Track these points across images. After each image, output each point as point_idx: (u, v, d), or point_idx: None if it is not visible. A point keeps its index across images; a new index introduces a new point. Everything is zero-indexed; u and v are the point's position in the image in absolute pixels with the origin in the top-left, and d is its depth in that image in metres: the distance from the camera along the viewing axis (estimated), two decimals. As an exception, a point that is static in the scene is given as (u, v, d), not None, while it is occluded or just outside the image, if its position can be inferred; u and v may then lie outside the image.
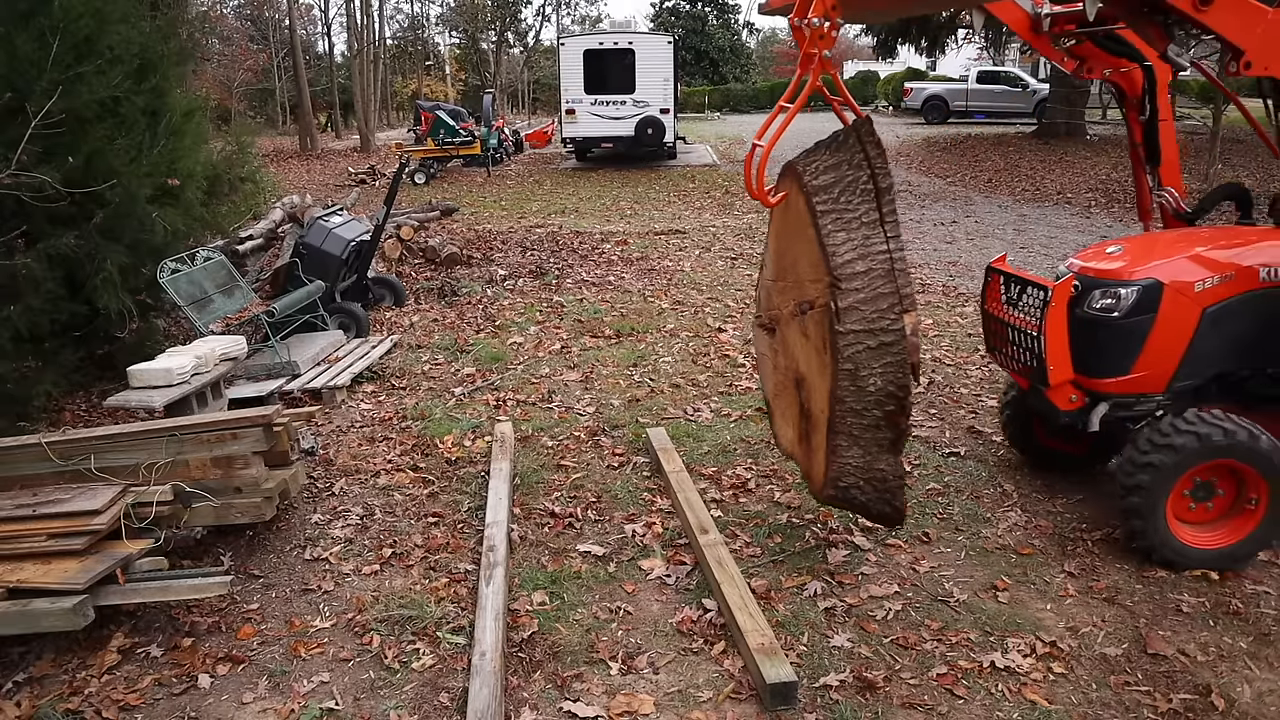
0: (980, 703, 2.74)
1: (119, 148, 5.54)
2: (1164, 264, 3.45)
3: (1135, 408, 3.50)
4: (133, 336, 5.92)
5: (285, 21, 33.68)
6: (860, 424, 2.97)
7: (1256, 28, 2.87)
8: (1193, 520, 3.39)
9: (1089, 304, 3.46)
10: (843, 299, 2.85)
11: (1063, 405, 3.59)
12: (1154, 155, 3.96)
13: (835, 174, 2.96)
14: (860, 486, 3.08)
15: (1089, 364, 3.51)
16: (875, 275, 2.87)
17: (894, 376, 2.88)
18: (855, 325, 2.86)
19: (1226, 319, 3.40)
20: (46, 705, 2.85)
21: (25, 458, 3.61)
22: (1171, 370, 3.43)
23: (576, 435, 4.92)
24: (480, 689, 2.70)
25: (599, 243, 10.64)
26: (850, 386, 2.90)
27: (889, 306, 2.86)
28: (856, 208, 2.92)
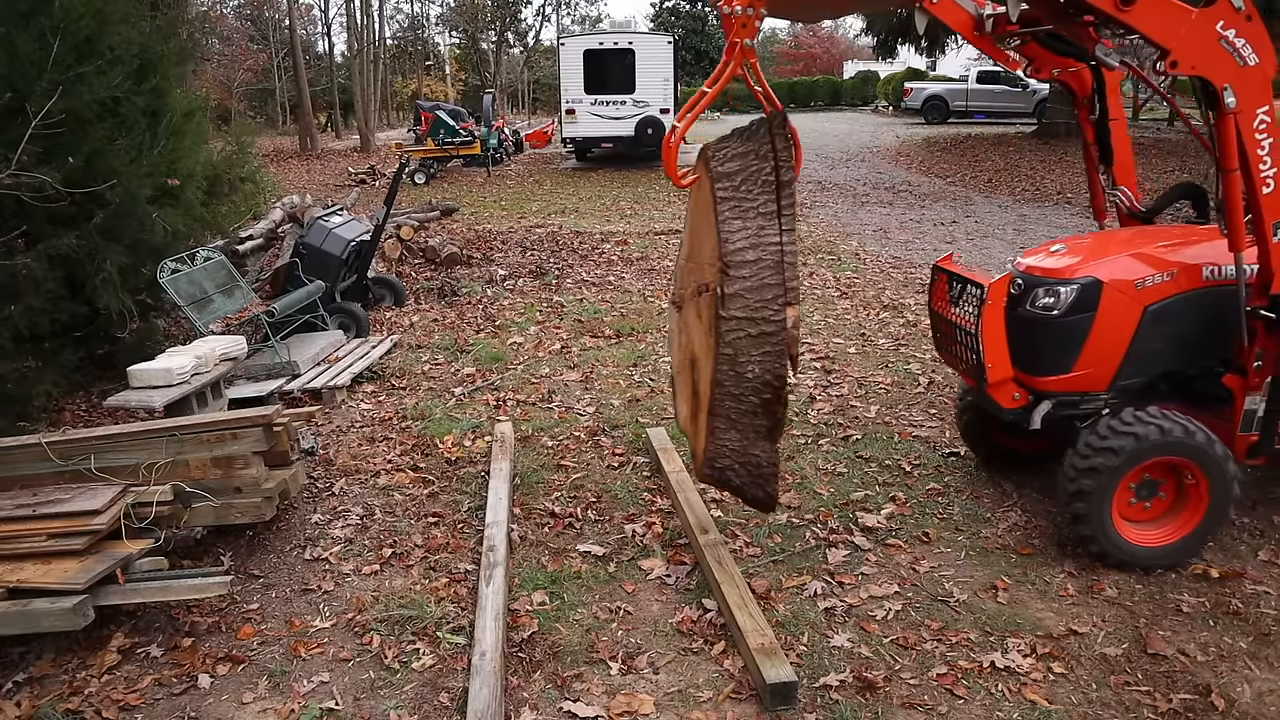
0: (980, 703, 2.74)
1: (119, 148, 5.54)
2: (1104, 262, 3.45)
3: (1082, 406, 3.51)
4: (133, 336, 5.92)
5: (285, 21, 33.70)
6: (738, 409, 3.02)
7: (1181, 28, 2.88)
8: (1138, 518, 3.40)
9: (1031, 302, 3.47)
10: (729, 285, 2.90)
11: (1006, 403, 3.60)
12: (1107, 155, 3.96)
13: (741, 162, 2.99)
14: (735, 469, 3.13)
15: (1031, 362, 3.53)
16: (764, 265, 2.91)
17: (772, 365, 2.92)
18: (738, 312, 2.91)
19: (1169, 317, 3.40)
20: (46, 705, 2.85)
21: (25, 458, 3.61)
22: (1114, 368, 3.44)
23: (576, 435, 4.92)
24: (480, 689, 2.70)
25: (599, 243, 10.64)
26: (730, 371, 2.96)
27: (773, 297, 2.90)
28: (756, 198, 2.95)
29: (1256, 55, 2.95)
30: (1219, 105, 2.98)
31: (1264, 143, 3.04)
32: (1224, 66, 2.94)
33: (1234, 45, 2.93)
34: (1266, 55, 2.96)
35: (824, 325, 6.82)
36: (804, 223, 11.80)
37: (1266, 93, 3.00)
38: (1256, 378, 3.35)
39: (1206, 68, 2.94)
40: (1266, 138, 3.04)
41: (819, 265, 9.05)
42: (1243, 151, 3.04)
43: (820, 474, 4.32)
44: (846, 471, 4.34)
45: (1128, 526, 3.37)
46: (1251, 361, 3.34)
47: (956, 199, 13.62)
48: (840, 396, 5.33)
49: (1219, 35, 2.91)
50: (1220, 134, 3.04)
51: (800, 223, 11.79)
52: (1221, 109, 2.98)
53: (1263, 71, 2.97)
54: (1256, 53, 2.95)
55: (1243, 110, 2.98)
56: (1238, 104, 2.96)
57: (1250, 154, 3.04)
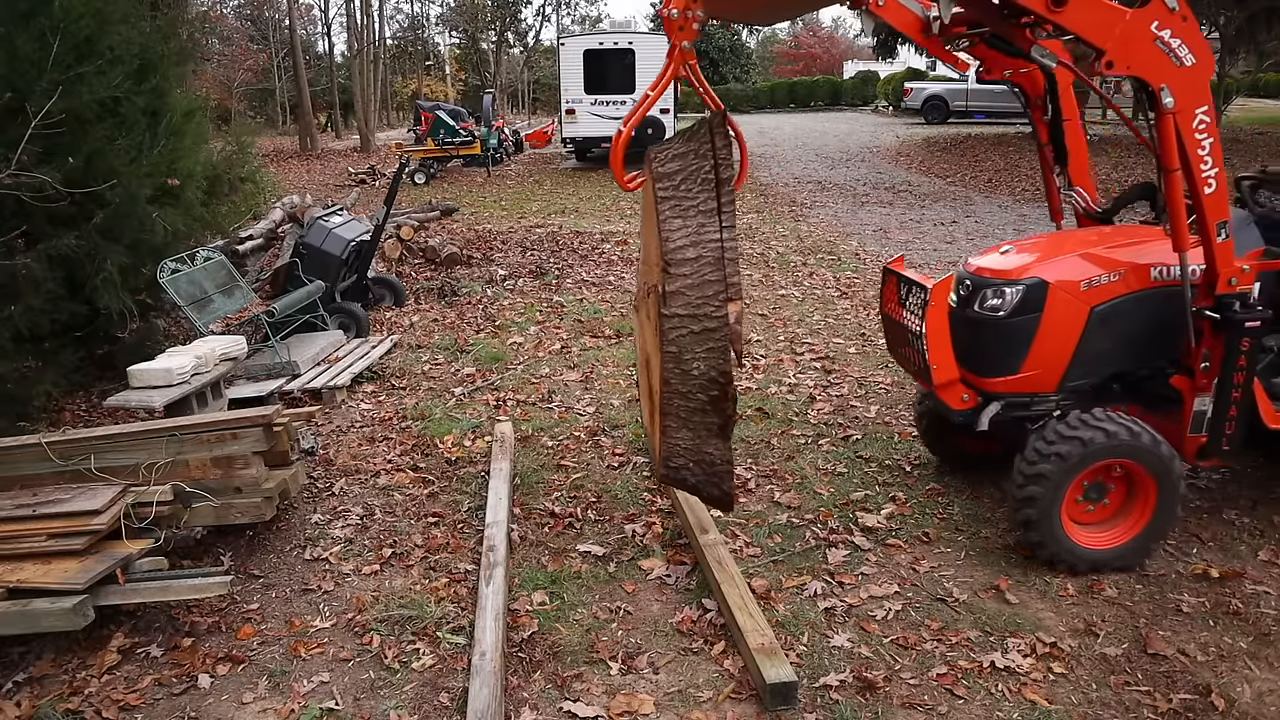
0: (980, 703, 2.74)
1: (119, 148, 5.54)
2: (1051, 263, 3.44)
3: (1033, 407, 3.50)
4: (133, 336, 5.92)
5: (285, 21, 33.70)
6: (687, 407, 3.03)
7: (1115, 28, 2.87)
8: (1088, 521, 3.39)
9: (978, 304, 3.46)
10: (670, 284, 2.91)
11: (955, 405, 3.60)
12: (1061, 155, 3.95)
13: (681, 162, 3.01)
14: (690, 468, 3.14)
15: (979, 363, 3.52)
16: (704, 263, 2.92)
17: (716, 362, 2.93)
18: (680, 310, 2.92)
19: (1117, 318, 3.40)
20: (46, 705, 2.85)
21: (25, 458, 3.61)
22: (1062, 370, 3.43)
23: (576, 435, 4.92)
24: (480, 689, 2.70)
25: (599, 243, 10.64)
26: (675, 369, 2.97)
27: (714, 294, 2.91)
28: (696, 196, 2.97)
29: (1193, 55, 2.94)
30: (1157, 105, 2.97)
31: (1204, 142, 3.03)
32: (1160, 67, 2.93)
33: (1170, 46, 2.92)
34: (1203, 56, 2.95)
35: (824, 325, 6.82)
36: (804, 223, 11.81)
37: (1205, 93, 3.00)
38: (1204, 378, 3.33)
39: (1142, 68, 2.93)
40: (1207, 137, 3.03)
41: (819, 265, 9.05)
42: (1184, 152, 3.03)
43: (820, 474, 4.32)
44: (846, 471, 4.34)
45: (1077, 529, 3.36)
46: (1198, 362, 3.32)
47: (956, 199, 13.62)
48: (840, 396, 5.33)
49: (1154, 36, 2.90)
50: (1160, 134, 3.02)
51: (800, 223, 11.80)
52: (1160, 109, 2.97)
53: (1200, 72, 2.96)
54: (1193, 53, 2.94)
55: (1181, 110, 2.97)
56: (1176, 104, 2.95)
57: (1191, 154, 3.03)
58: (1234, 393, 3.30)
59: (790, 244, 10.33)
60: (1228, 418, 3.34)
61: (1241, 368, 3.26)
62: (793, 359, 6.04)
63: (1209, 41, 3.20)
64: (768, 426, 4.92)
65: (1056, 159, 3.98)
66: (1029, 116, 4.00)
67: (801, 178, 16.79)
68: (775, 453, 4.59)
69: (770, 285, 8.27)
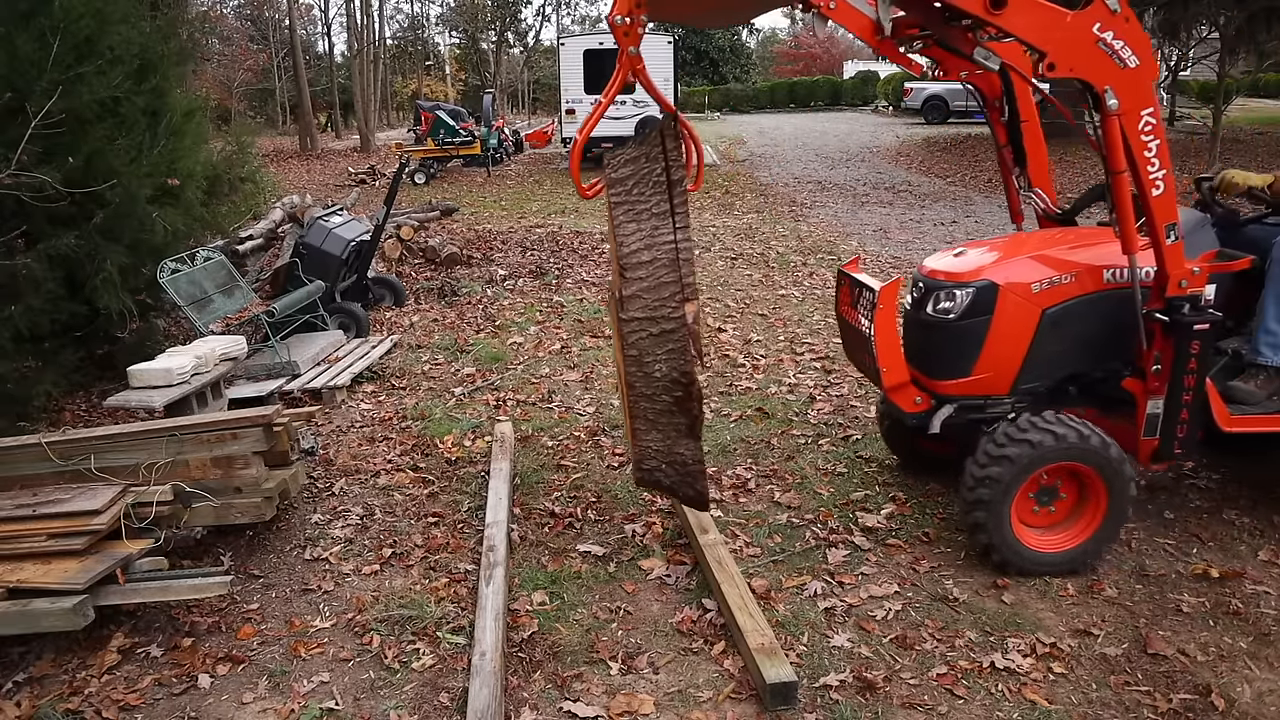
0: (980, 703, 2.74)
1: (119, 148, 5.54)
2: (1002, 265, 3.42)
3: (987, 410, 3.47)
4: (133, 336, 5.92)
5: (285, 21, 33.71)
6: (654, 409, 3.05)
7: (1056, 30, 2.85)
8: (1038, 524, 3.37)
9: (929, 306, 3.45)
10: (626, 287, 2.93)
11: (907, 407, 3.58)
12: (1020, 156, 3.92)
13: (634, 167, 3.02)
14: (663, 470, 3.15)
15: (931, 366, 3.51)
16: (660, 265, 2.92)
17: (677, 363, 2.93)
18: (638, 313, 2.93)
19: (1069, 320, 3.37)
20: (46, 705, 2.85)
21: (25, 458, 3.61)
22: (1014, 372, 3.41)
23: (576, 435, 4.92)
24: (480, 689, 2.70)
25: (599, 243, 10.64)
26: (638, 372, 2.99)
27: (671, 295, 2.91)
28: (649, 199, 2.98)
29: (1137, 57, 2.91)
30: (1102, 107, 2.95)
31: (1150, 144, 3.00)
32: (1103, 69, 2.90)
33: (1112, 47, 2.89)
34: (1146, 57, 2.92)
35: (824, 325, 6.82)
36: (804, 223, 11.81)
37: (1149, 95, 2.97)
38: (1156, 381, 3.31)
39: (1085, 70, 2.90)
40: (1153, 139, 3.00)
41: (819, 265, 9.05)
42: (1130, 154, 3.00)
43: (820, 474, 4.32)
44: (846, 471, 4.34)
45: (1028, 532, 3.33)
46: (1150, 365, 3.30)
47: (956, 199, 13.62)
48: (840, 396, 5.33)
49: (1096, 38, 2.87)
50: (1106, 136, 3.00)
51: (800, 223, 11.81)
52: (1104, 111, 2.95)
53: (1143, 73, 2.93)
54: (1136, 54, 2.91)
55: (1126, 112, 2.94)
56: (1120, 106, 2.93)
57: (1137, 156, 3.00)
58: (1185, 396, 3.27)
59: (790, 244, 10.33)
60: (1179, 421, 3.31)
61: (1192, 371, 3.24)
62: (793, 359, 6.04)
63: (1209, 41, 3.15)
64: (768, 426, 4.92)
65: (1015, 160, 3.94)
66: (986, 118, 3.96)
67: (801, 178, 16.79)
68: (775, 453, 4.59)
69: (770, 285, 8.27)
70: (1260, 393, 3.51)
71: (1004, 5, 2.78)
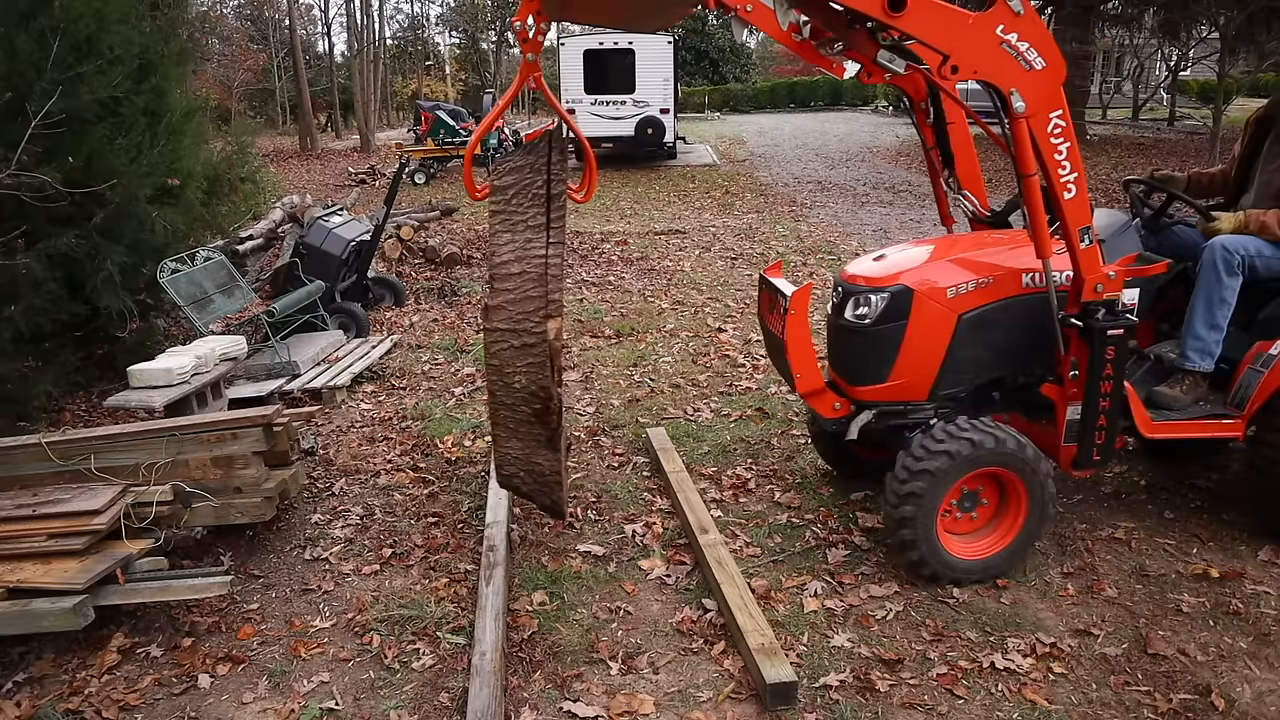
0: (980, 703, 2.74)
1: (119, 148, 5.55)
2: (919, 269, 3.37)
3: (910, 416, 3.42)
4: (133, 336, 5.92)
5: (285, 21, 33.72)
6: (513, 418, 3.04)
7: (958, 32, 2.79)
8: (960, 531, 3.33)
9: (847, 311, 3.40)
10: (493, 298, 2.92)
11: (826, 413, 3.55)
12: (948, 159, 3.86)
13: (516, 176, 2.98)
14: (521, 477, 3.16)
15: (849, 371, 3.47)
16: (528, 278, 2.90)
17: (536, 377, 2.92)
18: (501, 324, 2.92)
19: (987, 325, 3.32)
20: (46, 705, 2.85)
21: (25, 458, 3.61)
22: (932, 378, 3.36)
23: (576, 435, 4.92)
24: (480, 689, 2.70)
25: (599, 243, 10.64)
26: (499, 381, 2.98)
27: (535, 310, 2.89)
28: (526, 210, 2.95)
29: (1043, 59, 2.85)
30: (1009, 110, 2.89)
31: (1060, 147, 2.94)
32: (1008, 71, 2.84)
33: (1017, 49, 2.82)
34: (1053, 58, 2.86)
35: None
36: (804, 223, 11.81)
37: (1057, 97, 2.91)
38: (1074, 387, 3.27)
39: (990, 72, 2.84)
40: (1063, 141, 2.94)
41: (819, 265, 9.05)
42: (1040, 157, 2.95)
43: (820, 474, 4.32)
44: (846, 471, 4.33)
45: (953, 541, 3.30)
46: (1068, 370, 3.26)
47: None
48: (840, 396, 5.32)
49: (1000, 39, 2.81)
50: (1014, 139, 2.92)
51: (800, 223, 11.80)
52: (1011, 114, 2.87)
53: (1051, 75, 2.87)
54: (1042, 56, 2.84)
55: (1034, 114, 2.88)
56: (1027, 108, 2.87)
57: (1048, 159, 2.95)
58: (1103, 402, 3.23)
59: (790, 244, 10.33)
60: (1097, 427, 3.27)
61: (1109, 376, 3.19)
62: (793, 359, 6.03)
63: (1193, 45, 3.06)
64: (768, 426, 4.92)
65: (943, 162, 3.88)
66: (913, 120, 3.89)
67: (801, 178, 16.79)
68: (775, 453, 4.59)
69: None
70: (1186, 398, 3.48)
71: (903, 7, 2.71)
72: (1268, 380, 3.32)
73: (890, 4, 2.70)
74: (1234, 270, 3.38)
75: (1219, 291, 3.39)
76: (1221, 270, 3.38)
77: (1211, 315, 3.42)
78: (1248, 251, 3.39)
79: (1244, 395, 3.39)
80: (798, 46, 3.04)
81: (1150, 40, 26.00)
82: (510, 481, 3.20)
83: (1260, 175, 3.70)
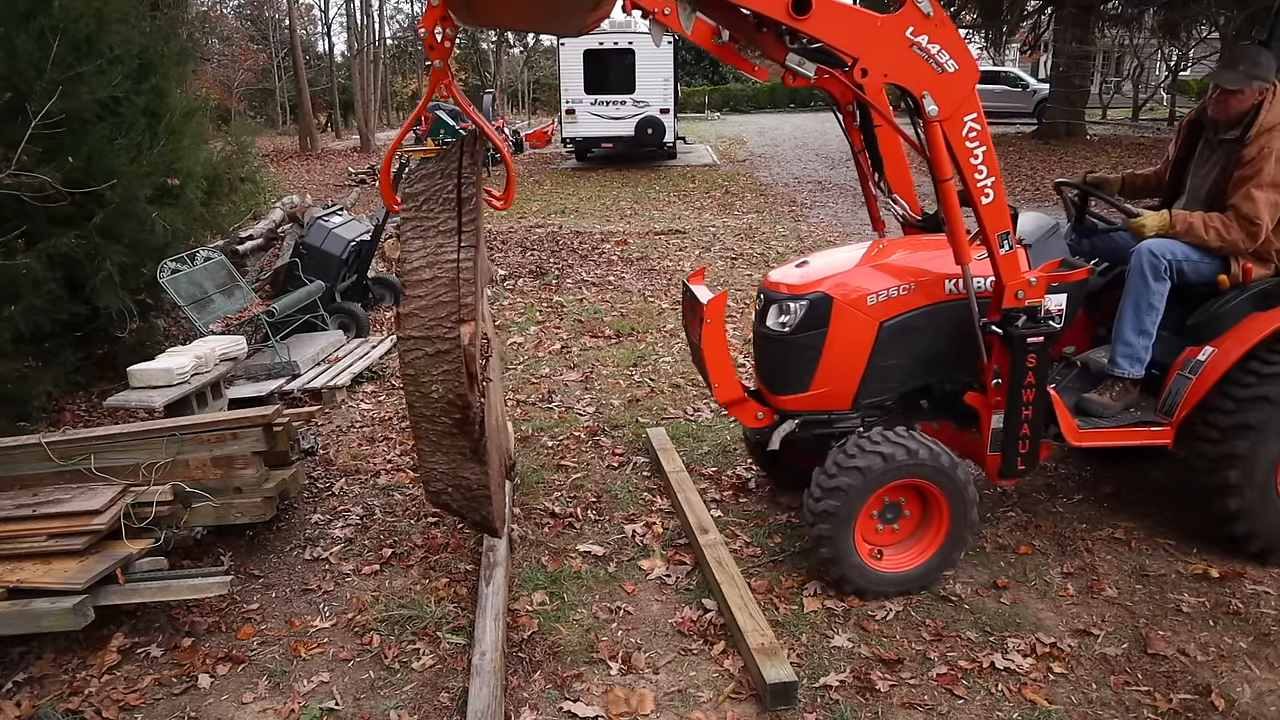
0: (980, 703, 2.74)
1: (119, 148, 5.55)
2: (839, 277, 3.32)
3: (835, 425, 3.37)
4: (133, 336, 5.92)
5: (285, 21, 33.70)
6: (434, 430, 2.97)
7: (866, 35, 2.74)
8: (883, 543, 3.28)
9: (768, 319, 3.34)
10: (405, 305, 2.86)
11: (749, 422, 3.51)
12: (877, 162, 3.81)
13: (428, 182, 2.95)
14: (449, 493, 3.09)
15: (772, 380, 3.42)
16: (440, 284, 2.85)
17: (453, 385, 2.86)
18: (414, 331, 2.86)
19: (910, 333, 3.27)
20: (46, 705, 2.85)
21: (25, 458, 3.61)
22: (854, 386, 3.32)
23: (576, 435, 4.92)
24: (480, 689, 2.70)
25: (599, 243, 10.64)
26: (416, 392, 2.91)
27: (448, 315, 2.84)
28: (437, 216, 2.91)
29: (955, 61, 2.79)
30: (922, 114, 2.83)
31: (976, 151, 2.88)
32: (919, 74, 2.78)
33: (928, 51, 2.77)
34: (965, 61, 2.80)
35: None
36: (804, 223, 11.81)
37: (972, 99, 2.84)
38: (997, 395, 3.21)
39: (901, 75, 2.79)
40: (979, 145, 2.88)
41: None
42: (956, 161, 2.89)
43: (820, 474, 4.31)
44: (846, 471, 4.33)
45: (871, 551, 3.24)
46: (990, 378, 3.21)
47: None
48: (840, 396, 5.32)
49: (910, 42, 2.75)
50: (929, 143, 2.87)
51: (800, 223, 11.80)
52: (925, 117, 2.83)
53: (964, 78, 2.81)
54: (954, 58, 2.78)
55: (948, 118, 2.82)
56: (940, 111, 2.81)
57: (963, 163, 2.89)
58: (1025, 410, 3.17)
59: (790, 244, 10.33)
60: (1020, 436, 3.21)
61: (1031, 385, 3.13)
62: (793, 359, 6.03)
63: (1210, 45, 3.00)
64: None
65: (872, 166, 3.82)
66: (840, 124, 3.79)
67: (801, 178, 16.78)
68: (775, 453, 4.59)
69: (770, 285, 8.26)
70: (1115, 405, 3.43)
71: (808, 10, 2.65)
72: (1196, 386, 3.27)
73: (795, 7, 2.63)
74: (1161, 275, 3.32)
75: (1147, 297, 3.34)
76: (1149, 275, 3.33)
77: (1140, 321, 3.37)
78: (1175, 256, 3.33)
79: (1173, 402, 3.34)
80: (718, 50, 2.99)
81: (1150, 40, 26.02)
82: (439, 498, 3.14)
83: (1191, 179, 3.64)
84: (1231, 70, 3.34)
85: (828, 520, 3.11)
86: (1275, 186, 3.22)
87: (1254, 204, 3.22)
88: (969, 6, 22.40)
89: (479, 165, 2.97)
